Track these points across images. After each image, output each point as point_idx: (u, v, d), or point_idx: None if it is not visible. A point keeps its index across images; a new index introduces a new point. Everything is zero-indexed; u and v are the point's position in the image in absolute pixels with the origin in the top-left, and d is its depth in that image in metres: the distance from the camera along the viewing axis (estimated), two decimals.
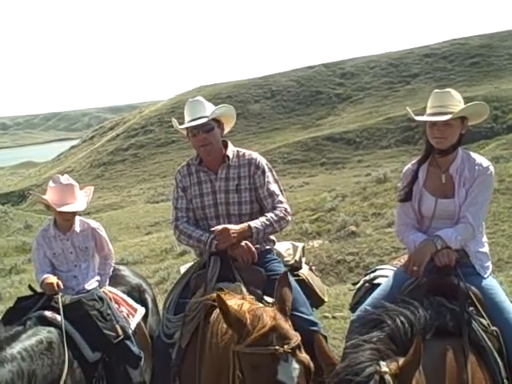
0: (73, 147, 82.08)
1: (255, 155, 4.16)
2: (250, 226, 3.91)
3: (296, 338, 2.85)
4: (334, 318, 7.99)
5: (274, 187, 4.10)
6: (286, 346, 2.75)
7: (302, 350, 2.86)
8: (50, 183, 4.42)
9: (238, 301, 3.13)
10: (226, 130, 4.23)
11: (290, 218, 4.12)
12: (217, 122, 4.06)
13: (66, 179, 4.43)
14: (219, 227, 3.86)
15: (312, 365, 2.85)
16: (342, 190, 21.47)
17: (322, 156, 48.61)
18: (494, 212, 13.81)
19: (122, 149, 65.15)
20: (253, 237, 3.92)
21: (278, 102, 64.86)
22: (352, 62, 72.09)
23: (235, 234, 3.83)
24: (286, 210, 4.07)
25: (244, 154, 4.15)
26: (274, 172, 4.19)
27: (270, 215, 3.98)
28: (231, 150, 4.14)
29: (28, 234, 30.62)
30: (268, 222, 3.96)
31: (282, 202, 4.07)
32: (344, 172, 43.87)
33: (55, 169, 68.54)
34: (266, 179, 4.08)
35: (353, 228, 15.34)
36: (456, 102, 3.58)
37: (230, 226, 3.85)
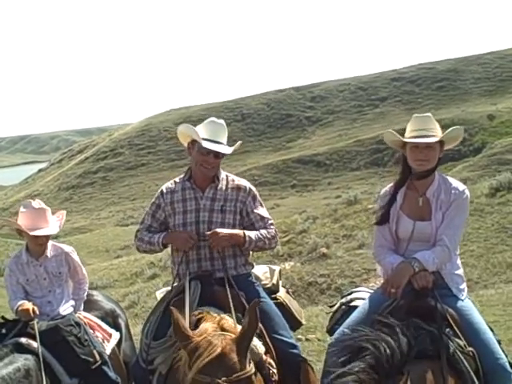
0: (41, 170, 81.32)
1: (244, 181, 4.20)
2: (244, 234, 3.96)
3: (243, 372, 2.75)
4: (307, 340, 7.95)
5: (263, 212, 4.16)
6: (223, 379, 2.68)
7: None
8: (21, 208, 4.36)
9: (212, 324, 3.08)
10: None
11: (278, 240, 4.22)
12: None
13: (37, 204, 4.38)
14: (209, 232, 3.90)
15: None
16: (313, 211, 21.59)
17: (292, 178, 48.96)
18: (463, 233, 14.00)
19: (91, 172, 64.78)
20: (245, 245, 3.98)
21: (248, 125, 65.29)
22: (322, 86, 72.99)
23: (226, 237, 3.87)
24: (276, 231, 4.16)
25: (233, 179, 4.18)
26: (260, 198, 4.25)
27: (263, 231, 4.05)
28: (221, 173, 4.16)
29: None
30: (261, 236, 4.02)
31: (273, 225, 4.16)
32: (314, 194, 44.20)
33: (23, 192, 67.69)
34: (257, 204, 4.14)
35: (324, 250, 15.39)
36: (435, 125, 3.68)
37: (219, 230, 3.88)
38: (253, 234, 3.99)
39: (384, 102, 64.64)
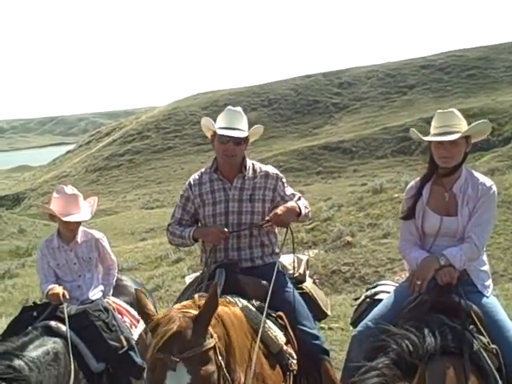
0: (68, 152, 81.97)
1: (270, 168, 4.25)
2: (297, 204, 4.04)
3: (197, 347, 2.75)
4: (330, 329, 7.99)
5: (292, 190, 4.24)
6: (176, 355, 2.69)
7: (210, 360, 2.79)
8: (54, 194, 4.46)
9: (187, 303, 3.06)
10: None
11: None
12: (246, 137, 4.11)
13: (70, 189, 4.47)
14: (271, 214, 3.95)
15: (213, 378, 2.77)
16: (338, 199, 21.44)
17: (317, 165, 48.72)
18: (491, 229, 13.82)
19: (117, 154, 65.13)
20: (300, 215, 4.03)
21: (275, 111, 65.08)
22: (349, 72, 72.31)
23: (287, 213, 3.92)
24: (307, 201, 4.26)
25: (260, 167, 4.21)
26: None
27: (301, 201, 4.14)
28: (248, 162, 4.18)
29: (22, 238, 30.54)
30: (304, 206, 4.10)
31: (302, 196, 4.26)
32: (339, 181, 43.94)
33: (50, 173, 68.44)
34: (286, 186, 4.21)
35: (349, 238, 15.30)
36: (460, 121, 3.63)
37: (278, 210, 3.92)
38: (300, 204, 4.07)
39: (412, 89, 63.82)
